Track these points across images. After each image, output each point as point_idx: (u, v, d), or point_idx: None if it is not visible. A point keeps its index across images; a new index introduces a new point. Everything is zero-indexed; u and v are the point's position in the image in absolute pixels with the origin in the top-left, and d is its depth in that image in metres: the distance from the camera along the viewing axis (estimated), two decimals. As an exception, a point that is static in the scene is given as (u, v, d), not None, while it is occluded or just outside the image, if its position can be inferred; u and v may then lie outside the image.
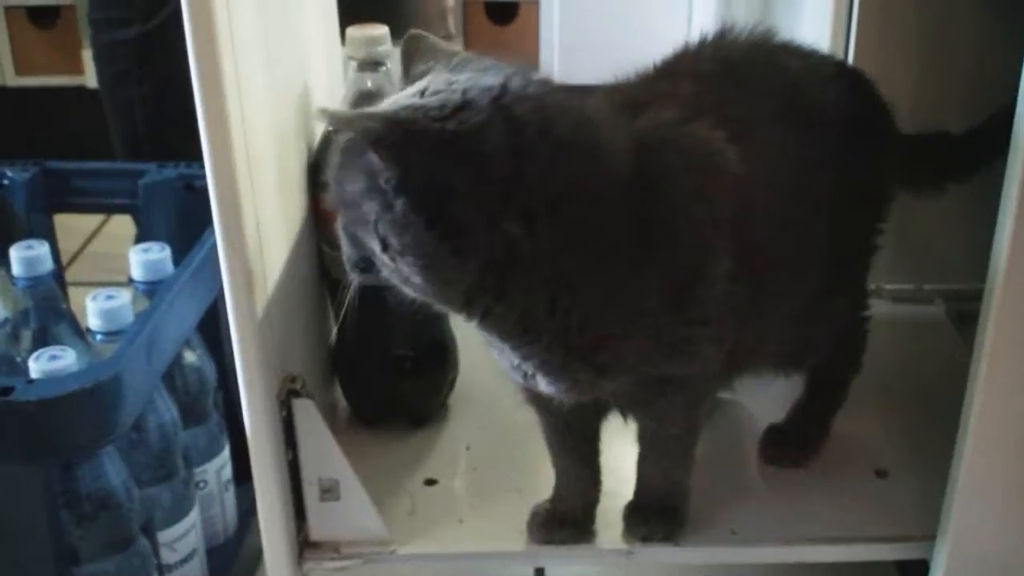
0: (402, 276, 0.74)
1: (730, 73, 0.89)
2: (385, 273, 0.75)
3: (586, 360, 0.79)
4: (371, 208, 0.71)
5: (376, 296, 1.00)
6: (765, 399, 1.05)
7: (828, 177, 0.89)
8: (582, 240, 0.74)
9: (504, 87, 0.72)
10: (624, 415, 0.89)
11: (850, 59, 1.15)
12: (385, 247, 0.72)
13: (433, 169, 0.69)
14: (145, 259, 1.06)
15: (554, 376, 0.80)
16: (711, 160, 0.79)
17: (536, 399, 0.87)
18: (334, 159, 0.75)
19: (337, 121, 0.74)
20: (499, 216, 0.70)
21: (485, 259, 0.72)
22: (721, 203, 0.79)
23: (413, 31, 0.79)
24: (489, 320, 0.76)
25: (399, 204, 0.70)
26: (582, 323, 0.76)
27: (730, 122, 0.81)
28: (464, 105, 0.70)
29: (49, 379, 0.89)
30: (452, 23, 2.14)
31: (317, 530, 0.92)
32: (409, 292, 0.75)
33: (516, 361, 0.80)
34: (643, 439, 0.90)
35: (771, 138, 0.86)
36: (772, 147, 0.85)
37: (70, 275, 1.54)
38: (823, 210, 0.89)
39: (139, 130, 1.51)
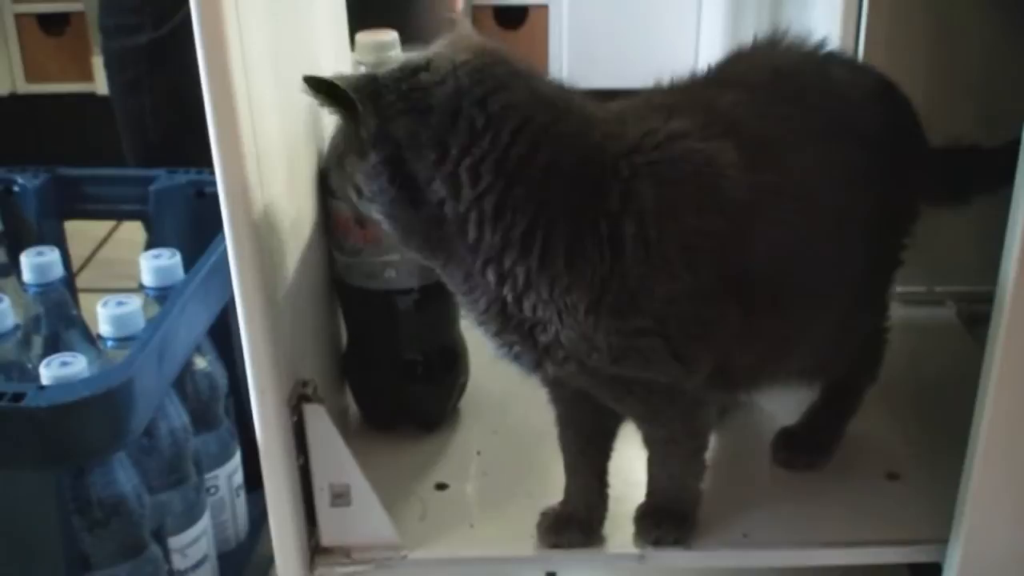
0: (375, 222, 0.80)
1: (779, 84, 0.88)
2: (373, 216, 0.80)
3: (525, 337, 0.80)
4: (351, 161, 0.78)
5: (387, 301, 1.01)
6: (778, 401, 1.04)
7: (865, 195, 0.88)
8: (504, 218, 0.76)
9: (467, 62, 0.76)
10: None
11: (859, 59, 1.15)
12: (360, 194, 0.79)
13: (392, 121, 0.75)
14: (156, 265, 1.06)
15: (496, 342, 0.82)
16: (700, 180, 0.78)
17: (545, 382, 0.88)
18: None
19: (318, 83, 0.77)
20: (432, 176, 0.75)
21: (431, 214, 0.77)
22: (696, 223, 0.78)
23: None
24: (447, 272, 0.80)
25: (372, 155, 0.76)
26: (516, 297, 0.78)
27: (760, 143, 0.81)
28: (424, 67, 0.76)
29: (60, 385, 0.89)
30: (461, 28, 2.14)
31: (328, 535, 0.92)
32: (390, 234, 0.80)
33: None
34: (647, 443, 0.90)
35: (810, 158, 0.84)
36: (809, 168, 0.84)
37: (81, 281, 1.54)
38: (857, 229, 0.88)
39: (150, 137, 1.51)
